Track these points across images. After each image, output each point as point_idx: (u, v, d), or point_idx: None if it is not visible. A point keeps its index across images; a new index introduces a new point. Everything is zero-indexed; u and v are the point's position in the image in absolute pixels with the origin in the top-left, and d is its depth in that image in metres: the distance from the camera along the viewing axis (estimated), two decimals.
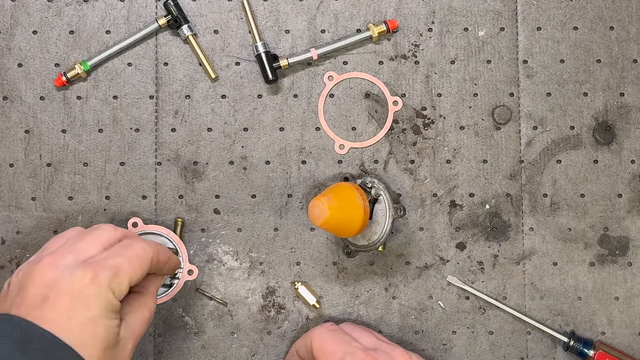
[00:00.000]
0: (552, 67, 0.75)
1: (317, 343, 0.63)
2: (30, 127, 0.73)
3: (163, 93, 0.74)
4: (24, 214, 0.72)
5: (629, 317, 0.74)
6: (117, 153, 0.73)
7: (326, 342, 0.63)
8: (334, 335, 0.63)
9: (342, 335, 0.63)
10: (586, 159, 0.75)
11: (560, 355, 0.74)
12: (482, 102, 0.75)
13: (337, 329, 0.65)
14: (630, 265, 0.75)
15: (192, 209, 0.73)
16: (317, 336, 0.63)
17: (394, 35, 0.75)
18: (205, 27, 0.74)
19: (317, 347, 0.63)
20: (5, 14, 0.73)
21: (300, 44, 0.74)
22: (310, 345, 0.64)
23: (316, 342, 0.63)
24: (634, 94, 0.75)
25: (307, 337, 0.65)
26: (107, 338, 0.53)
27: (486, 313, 0.74)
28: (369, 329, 0.68)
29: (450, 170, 0.74)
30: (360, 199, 0.65)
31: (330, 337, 0.63)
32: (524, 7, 0.75)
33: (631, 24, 0.75)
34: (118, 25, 0.74)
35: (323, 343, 0.63)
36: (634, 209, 0.75)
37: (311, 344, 0.63)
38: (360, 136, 0.74)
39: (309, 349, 0.64)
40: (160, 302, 0.70)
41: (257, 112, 0.74)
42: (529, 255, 0.74)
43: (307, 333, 0.66)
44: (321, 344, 0.63)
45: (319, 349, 0.62)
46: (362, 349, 0.61)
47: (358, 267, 0.74)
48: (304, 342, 0.65)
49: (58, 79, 0.72)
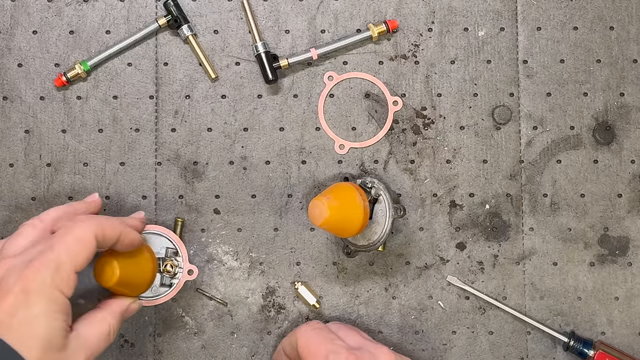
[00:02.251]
0: (552, 67, 0.75)
1: (302, 341, 0.63)
2: (30, 127, 0.73)
3: (163, 93, 0.74)
4: (24, 214, 0.72)
5: (629, 317, 0.74)
6: (117, 153, 0.73)
7: (311, 340, 0.62)
8: (319, 334, 0.63)
9: (327, 333, 0.63)
10: (586, 159, 0.75)
11: (560, 355, 0.74)
12: (482, 102, 0.75)
13: (323, 328, 0.65)
14: (630, 265, 0.75)
15: (192, 209, 0.73)
16: (302, 334, 0.63)
17: (394, 35, 0.75)
18: (205, 27, 0.74)
19: (302, 345, 0.62)
20: (5, 14, 0.73)
21: (300, 44, 0.74)
22: (295, 343, 0.63)
23: (301, 340, 0.63)
24: (634, 94, 0.75)
25: (293, 335, 0.65)
26: (48, 339, 0.52)
27: (486, 313, 0.74)
28: (355, 328, 0.68)
29: (450, 170, 0.74)
30: (360, 199, 0.65)
31: (315, 336, 0.63)
32: (524, 7, 0.75)
33: (631, 24, 0.75)
34: (118, 25, 0.74)
35: (308, 341, 0.62)
36: (634, 209, 0.75)
37: (296, 342, 0.63)
38: (360, 136, 0.74)
39: (294, 347, 0.64)
40: (160, 302, 0.70)
41: (257, 112, 0.74)
42: (529, 255, 0.74)
43: (293, 331, 0.66)
44: (306, 342, 0.62)
45: (303, 347, 0.62)
46: (347, 348, 0.61)
47: (358, 267, 0.74)
48: (290, 340, 0.65)
49: (58, 79, 0.72)
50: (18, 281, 0.53)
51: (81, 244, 0.56)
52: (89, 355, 0.56)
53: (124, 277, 0.60)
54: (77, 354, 0.55)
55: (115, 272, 0.59)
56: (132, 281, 0.63)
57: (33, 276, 0.53)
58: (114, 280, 0.59)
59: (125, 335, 0.72)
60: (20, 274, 0.53)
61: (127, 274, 0.61)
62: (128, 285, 0.62)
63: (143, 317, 0.72)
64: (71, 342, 0.54)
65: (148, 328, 0.72)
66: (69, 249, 0.55)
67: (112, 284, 0.60)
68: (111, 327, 0.59)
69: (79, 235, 0.56)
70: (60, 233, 0.56)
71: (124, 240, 0.59)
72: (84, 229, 0.56)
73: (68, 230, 0.56)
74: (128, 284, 0.62)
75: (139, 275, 0.64)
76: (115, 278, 0.59)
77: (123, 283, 0.61)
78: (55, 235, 0.56)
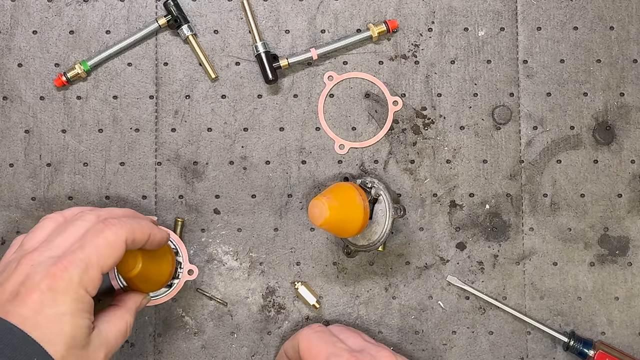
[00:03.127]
0: (552, 67, 0.75)
1: (303, 344, 0.63)
2: (30, 127, 0.73)
3: (163, 93, 0.74)
4: (24, 214, 0.72)
5: (629, 317, 0.74)
6: (117, 153, 0.73)
7: (312, 342, 0.63)
8: (320, 337, 0.63)
9: (328, 336, 0.63)
10: (586, 159, 0.75)
11: (560, 355, 0.74)
12: (482, 102, 0.75)
13: (324, 330, 0.65)
14: (630, 265, 0.75)
15: (192, 209, 0.73)
16: (303, 337, 0.64)
17: (394, 35, 0.75)
18: (205, 27, 0.74)
19: (303, 348, 0.63)
20: (5, 14, 0.73)
21: (300, 44, 0.74)
22: (297, 346, 0.64)
23: (303, 343, 0.63)
24: (634, 94, 0.75)
25: (295, 338, 0.65)
26: (74, 337, 0.53)
27: (486, 313, 0.74)
28: (357, 331, 0.68)
29: (450, 170, 0.74)
30: (360, 199, 0.65)
31: (317, 338, 0.63)
32: (524, 7, 0.75)
33: (631, 24, 0.75)
34: (118, 25, 0.74)
35: (309, 344, 0.63)
36: (634, 209, 0.75)
37: (298, 345, 0.64)
38: (360, 136, 0.74)
39: (296, 349, 0.64)
40: (160, 302, 0.70)
41: (257, 112, 0.74)
42: (529, 255, 0.74)
43: (295, 334, 0.66)
44: (308, 345, 0.63)
45: (305, 349, 0.63)
46: (348, 350, 0.61)
47: (358, 267, 0.74)
48: (292, 343, 0.66)
49: (58, 79, 0.72)
50: (45, 278, 0.53)
51: (111, 248, 0.56)
52: (108, 352, 0.57)
53: (144, 271, 0.62)
54: (98, 351, 0.56)
55: (138, 264, 0.61)
56: (151, 277, 0.64)
57: (61, 274, 0.53)
58: (135, 272, 0.61)
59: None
60: (48, 271, 0.54)
61: (148, 269, 0.62)
62: (146, 281, 0.64)
63: (143, 317, 0.72)
64: (93, 339, 0.56)
65: (148, 328, 0.72)
66: (99, 251, 0.56)
67: (133, 275, 0.61)
68: (128, 324, 0.61)
69: (110, 239, 0.57)
70: (92, 232, 0.57)
71: (153, 242, 0.61)
72: (116, 233, 0.57)
73: (100, 232, 0.57)
74: (147, 279, 0.63)
75: (158, 272, 0.65)
76: (137, 270, 0.61)
77: (142, 277, 0.62)
78: (87, 234, 0.57)
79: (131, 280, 0.63)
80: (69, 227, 0.58)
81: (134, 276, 0.61)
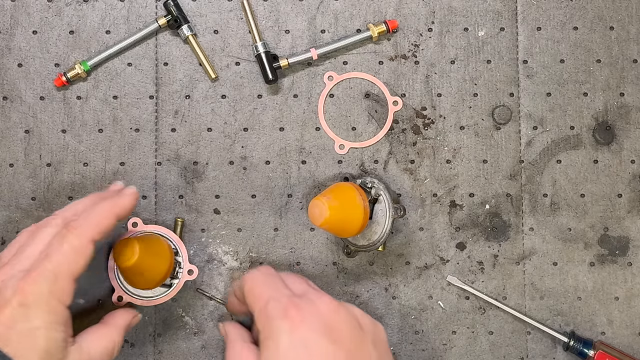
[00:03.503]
0: (552, 67, 0.75)
1: (248, 285, 0.60)
2: (30, 127, 0.73)
3: (163, 93, 0.74)
4: (24, 214, 0.72)
5: (629, 317, 0.74)
6: (117, 153, 0.73)
7: (256, 284, 0.60)
8: (265, 279, 0.60)
9: (273, 279, 0.60)
10: (586, 159, 0.75)
11: (560, 355, 0.74)
12: (482, 102, 0.75)
13: (272, 274, 0.61)
14: (630, 265, 0.75)
15: (192, 209, 0.73)
16: (249, 278, 0.61)
17: (394, 35, 0.75)
18: (205, 27, 0.74)
19: (247, 289, 0.60)
20: (5, 14, 0.73)
21: (300, 44, 0.74)
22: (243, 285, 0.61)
23: (248, 284, 0.60)
24: (634, 94, 0.75)
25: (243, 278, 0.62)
26: (47, 350, 0.52)
27: (486, 313, 0.74)
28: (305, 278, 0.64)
29: (450, 170, 0.74)
30: (360, 199, 0.65)
31: (262, 281, 0.60)
32: (524, 7, 0.75)
33: (631, 24, 0.75)
34: (118, 25, 0.74)
35: (253, 285, 0.60)
36: (634, 209, 0.75)
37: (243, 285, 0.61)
38: (360, 136, 0.74)
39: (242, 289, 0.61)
40: (160, 302, 0.70)
41: (257, 112, 0.74)
42: (529, 255, 0.74)
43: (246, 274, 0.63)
44: (251, 286, 0.60)
45: (248, 290, 0.60)
46: (288, 295, 0.58)
47: (358, 267, 0.74)
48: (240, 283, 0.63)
49: (58, 79, 0.72)
50: (15, 293, 0.53)
51: (77, 252, 0.56)
52: None
53: (140, 263, 0.62)
54: None
55: (135, 253, 0.61)
56: (148, 269, 0.64)
57: (30, 288, 0.53)
58: (132, 261, 0.61)
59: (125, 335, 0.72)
60: (17, 286, 0.53)
61: (144, 261, 0.62)
62: (141, 273, 0.63)
63: (143, 317, 0.72)
64: (72, 353, 0.55)
65: (148, 328, 0.72)
66: (66, 258, 0.55)
67: (130, 264, 0.61)
68: (115, 343, 0.60)
69: (74, 243, 0.56)
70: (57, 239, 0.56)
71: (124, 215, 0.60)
72: (80, 236, 0.56)
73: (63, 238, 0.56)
74: (142, 270, 0.63)
75: (155, 267, 0.65)
76: (134, 260, 0.61)
77: (138, 269, 0.62)
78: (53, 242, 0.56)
79: (127, 272, 0.63)
80: (36, 236, 0.57)
81: (130, 266, 0.61)
